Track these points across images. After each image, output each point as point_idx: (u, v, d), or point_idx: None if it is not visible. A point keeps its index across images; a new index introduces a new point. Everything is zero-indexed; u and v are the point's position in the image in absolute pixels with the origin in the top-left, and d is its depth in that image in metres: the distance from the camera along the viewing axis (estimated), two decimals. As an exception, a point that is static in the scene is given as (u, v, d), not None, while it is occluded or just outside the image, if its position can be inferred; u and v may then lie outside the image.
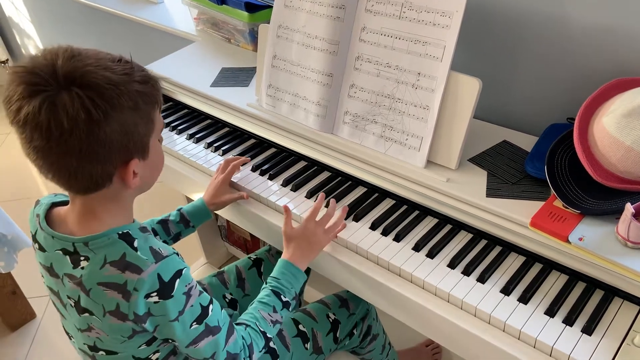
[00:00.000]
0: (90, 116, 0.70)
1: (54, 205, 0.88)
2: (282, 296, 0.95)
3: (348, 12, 1.10)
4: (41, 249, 0.85)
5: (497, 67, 1.16)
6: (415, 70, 1.04)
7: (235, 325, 0.89)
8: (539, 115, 1.14)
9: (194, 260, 1.97)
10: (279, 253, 1.29)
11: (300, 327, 1.12)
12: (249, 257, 1.30)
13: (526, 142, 1.10)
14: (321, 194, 1.08)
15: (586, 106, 0.94)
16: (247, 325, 0.91)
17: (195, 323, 0.81)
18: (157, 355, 0.87)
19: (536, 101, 1.14)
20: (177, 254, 0.83)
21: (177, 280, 0.79)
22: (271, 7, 1.32)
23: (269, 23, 1.23)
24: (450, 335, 0.89)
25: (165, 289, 0.78)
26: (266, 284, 0.97)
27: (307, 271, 1.35)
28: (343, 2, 1.09)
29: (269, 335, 0.92)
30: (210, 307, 0.84)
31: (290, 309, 0.96)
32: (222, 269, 1.28)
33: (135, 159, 0.78)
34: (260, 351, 0.91)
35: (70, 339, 0.93)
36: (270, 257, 1.30)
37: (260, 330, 0.91)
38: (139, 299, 0.77)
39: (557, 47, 1.06)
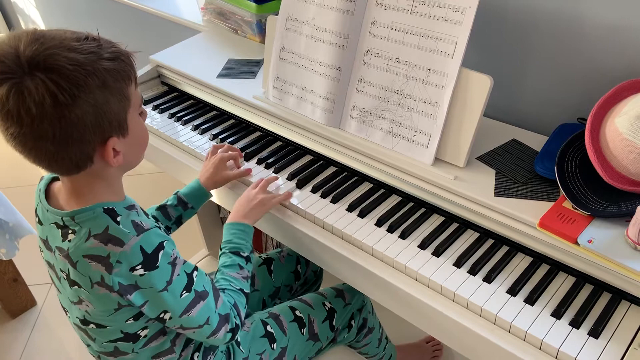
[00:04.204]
0: (57, 100, 0.70)
1: (54, 180, 0.90)
2: (241, 253, 0.99)
3: (358, 6, 1.08)
4: (39, 222, 0.87)
5: (508, 64, 1.14)
6: (426, 66, 1.02)
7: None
8: (549, 115, 1.13)
9: (196, 251, 1.96)
10: (290, 255, 1.30)
11: (297, 312, 1.13)
12: (260, 256, 1.30)
13: (536, 141, 1.09)
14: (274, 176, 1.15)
15: (599, 106, 0.92)
16: (224, 289, 0.94)
17: (184, 291, 0.83)
18: (145, 331, 0.88)
19: (547, 100, 1.13)
20: (159, 227, 0.85)
21: (161, 252, 0.81)
22: (280, -2, 1.30)
23: (277, 15, 1.22)
24: (455, 334, 0.89)
25: (149, 261, 0.80)
26: (221, 250, 1.00)
27: (320, 274, 1.36)
28: (354, -5, 1.08)
29: (246, 291, 0.96)
30: (195, 273, 0.86)
31: (252, 262, 1.01)
32: None
33: (114, 137, 0.78)
34: (244, 308, 0.94)
35: (66, 314, 0.95)
36: (281, 258, 1.31)
37: (236, 288, 0.95)
38: (122, 271, 0.78)
39: (570, 46, 1.04)
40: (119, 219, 0.81)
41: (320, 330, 1.14)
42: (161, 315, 0.84)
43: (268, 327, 1.08)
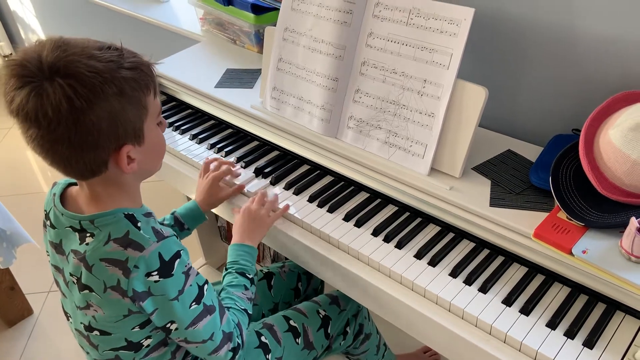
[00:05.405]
0: (73, 105, 0.72)
1: (70, 185, 0.91)
2: (246, 274, 1.00)
3: (355, 17, 1.09)
4: (52, 226, 0.88)
5: (503, 76, 1.15)
6: (422, 77, 1.03)
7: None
8: (544, 126, 1.13)
9: (193, 260, 1.96)
10: (292, 271, 1.30)
11: (291, 322, 1.13)
12: (261, 270, 1.31)
13: (531, 152, 1.10)
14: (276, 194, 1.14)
15: (593, 118, 0.93)
16: (229, 308, 0.94)
17: (194, 303, 0.84)
18: (149, 341, 0.88)
19: (542, 111, 1.14)
20: (177, 236, 0.86)
21: (177, 260, 0.82)
22: (277, 9, 1.31)
23: (275, 25, 1.23)
24: (451, 344, 0.89)
25: (165, 268, 0.80)
26: (226, 270, 1.01)
27: (320, 292, 1.36)
28: (350, 7, 1.09)
29: (249, 312, 0.97)
30: (205, 287, 0.87)
31: (255, 284, 1.02)
32: None
33: (128, 144, 0.80)
34: (247, 329, 0.94)
35: (68, 320, 0.95)
36: (282, 273, 1.30)
37: (241, 308, 0.95)
38: (139, 276, 0.79)
39: (564, 58, 1.06)
40: (139, 224, 0.82)
41: (315, 339, 1.14)
42: (168, 325, 0.84)
43: (262, 338, 1.08)
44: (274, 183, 1.19)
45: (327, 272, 1.05)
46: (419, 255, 0.98)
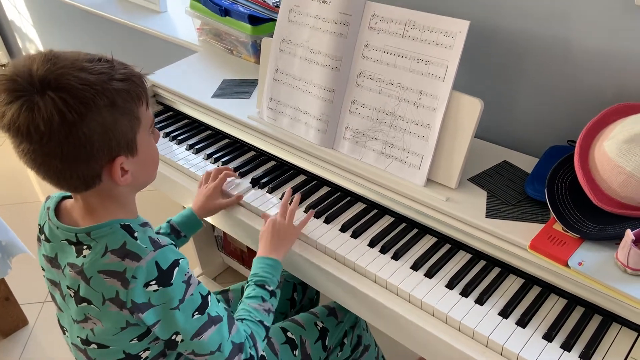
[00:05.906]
0: (65, 118, 0.72)
1: (64, 198, 0.90)
2: (266, 286, 0.98)
3: (351, 29, 1.10)
4: (47, 240, 0.87)
5: (499, 87, 1.16)
6: (417, 89, 1.04)
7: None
8: (540, 137, 1.14)
9: (190, 270, 1.95)
10: (287, 281, 1.30)
11: (289, 334, 1.12)
12: None
13: (526, 163, 1.10)
14: (288, 190, 1.13)
15: (587, 130, 0.94)
16: (243, 319, 0.93)
17: (197, 313, 0.83)
18: (147, 353, 0.87)
19: (537, 122, 1.14)
20: (175, 245, 0.85)
21: (176, 269, 0.81)
22: (274, 20, 1.32)
23: (271, 36, 1.23)
24: (447, 356, 0.88)
25: (163, 277, 0.80)
26: (247, 282, 1.00)
27: (316, 302, 1.35)
28: (346, 19, 1.10)
29: (266, 324, 0.95)
30: (209, 297, 0.86)
31: (277, 297, 0.99)
32: (227, 288, 1.28)
33: (122, 156, 0.79)
34: (263, 340, 0.93)
35: (64, 333, 0.94)
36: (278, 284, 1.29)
37: (256, 320, 0.93)
38: (137, 287, 0.78)
39: (559, 70, 1.06)
40: (136, 234, 0.81)
41: (312, 351, 1.13)
42: (173, 337, 0.83)
43: None
44: (270, 193, 1.19)
45: (323, 282, 1.05)
46: (415, 267, 0.98)
